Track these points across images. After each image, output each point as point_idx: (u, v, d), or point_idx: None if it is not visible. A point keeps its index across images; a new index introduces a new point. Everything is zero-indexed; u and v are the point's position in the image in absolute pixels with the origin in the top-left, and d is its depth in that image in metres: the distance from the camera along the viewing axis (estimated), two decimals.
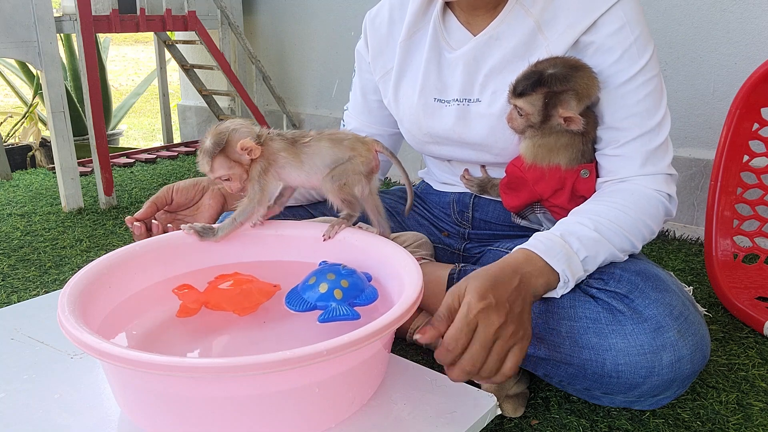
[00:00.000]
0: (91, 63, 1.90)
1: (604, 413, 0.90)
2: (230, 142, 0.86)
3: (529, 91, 0.91)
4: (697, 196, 1.71)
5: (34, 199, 2.09)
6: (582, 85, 0.90)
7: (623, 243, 0.86)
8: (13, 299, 1.32)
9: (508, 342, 0.73)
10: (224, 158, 0.86)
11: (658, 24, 1.69)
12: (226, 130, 0.86)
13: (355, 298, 0.81)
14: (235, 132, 0.86)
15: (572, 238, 0.83)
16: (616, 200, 0.89)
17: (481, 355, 0.71)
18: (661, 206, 0.91)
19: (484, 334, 0.71)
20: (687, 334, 0.80)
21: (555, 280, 0.81)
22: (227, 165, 0.86)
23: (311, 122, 2.61)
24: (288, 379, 0.63)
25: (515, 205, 1.03)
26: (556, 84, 0.89)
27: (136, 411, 0.70)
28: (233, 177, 0.87)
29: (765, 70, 1.24)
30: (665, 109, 0.94)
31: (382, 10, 1.12)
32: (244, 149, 0.85)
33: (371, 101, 1.17)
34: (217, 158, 0.86)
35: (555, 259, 0.81)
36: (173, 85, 4.38)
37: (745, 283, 1.29)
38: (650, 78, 0.92)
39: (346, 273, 0.83)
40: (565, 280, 0.81)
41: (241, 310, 0.81)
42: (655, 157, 0.93)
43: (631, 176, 0.92)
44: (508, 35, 0.97)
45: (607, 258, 0.85)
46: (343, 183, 0.87)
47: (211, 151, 0.86)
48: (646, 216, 0.89)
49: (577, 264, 0.82)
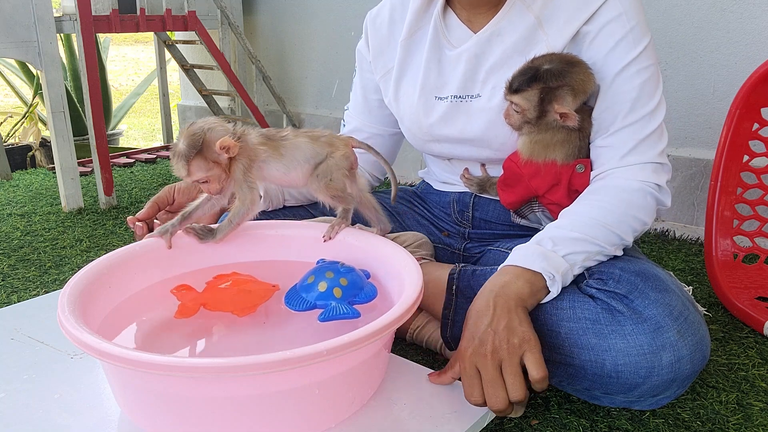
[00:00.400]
0: (91, 63, 1.90)
1: (604, 413, 0.90)
2: (207, 142, 0.82)
3: (524, 87, 0.91)
4: (697, 196, 1.71)
5: (34, 199, 2.09)
6: (577, 80, 0.91)
7: (609, 237, 0.87)
8: (13, 299, 1.32)
9: (512, 356, 0.75)
10: (202, 160, 0.82)
11: (658, 24, 1.69)
12: (201, 130, 0.83)
13: (355, 296, 0.81)
14: (211, 131, 0.83)
15: (546, 241, 0.85)
16: (600, 198, 0.90)
17: (496, 388, 0.74)
18: (650, 197, 0.91)
19: (484, 371, 0.75)
20: (687, 334, 0.80)
21: (539, 280, 0.82)
22: (205, 167, 0.83)
23: (311, 122, 2.61)
24: (288, 379, 0.63)
25: (511, 201, 1.03)
26: (551, 80, 0.90)
27: (136, 411, 0.70)
28: (212, 179, 0.84)
29: (765, 70, 1.24)
30: (660, 98, 0.94)
31: (383, 10, 1.12)
32: (223, 148, 0.82)
33: (372, 101, 1.18)
34: (194, 161, 0.82)
35: (529, 261, 0.82)
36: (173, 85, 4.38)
37: (745, 283, 1.29)
38: (645, 67, 0.93)
39: (344, 270, 0.82)
40: (550, 276, 0.82)
41: (240, 310, 0.81)
42: (644, 145, 0.93)
43: (613, 168, 0.93)
44: (509, 31, 0.98)
45: (595, 251, 0.86)
46: (329, 180, 0.87)
47: (186, 153, 0.82)
48: (634, 209, 0.89)
49: (557, 260, 0.83)
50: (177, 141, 0.84)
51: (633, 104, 0.92)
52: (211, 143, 0.82)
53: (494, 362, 0.75)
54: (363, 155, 1.22)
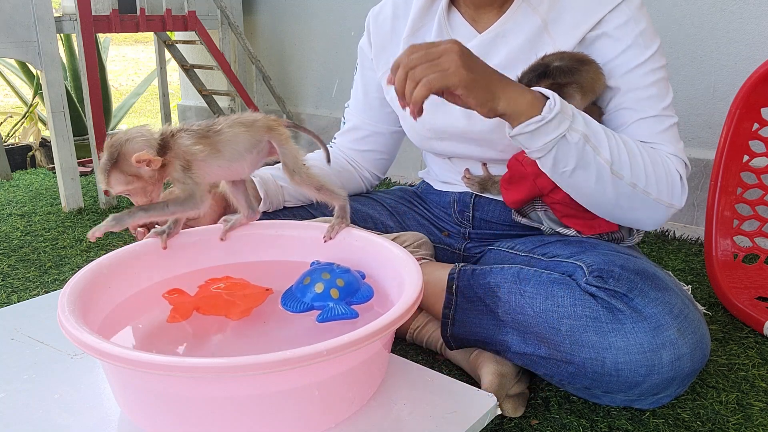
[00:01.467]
0: (91, 63, 1.90)
1: (604, 413, 0.90)
2: (123, 155, 0.77)
3: (533, 82, 0.91)
4: (697, 196, 1.70)
5: (34, 199, 2.09)
6: (587, 79, 0.91)
7: (635, 159, 0.87)
8: (13, 299, 1.32)
9: (428, 69, 0.78)
10: (119, 173, 0.77)
11: (659, 24, 1.69)
12: (118, 142, 0.77)
13: (352, 297, 0.81)
14: (129, 143, 0.77)
15: (567, 107, 0.84)
16: (635, 143, 0.89)
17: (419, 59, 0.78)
18: (676, 177, 0.91)
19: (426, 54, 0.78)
20: (687, 333, 0.80)
21: (541, 103, 0.82)
22: (124, 180, 0.78)
23: (311, 122, 2.61)
24: (288, 379, 0.63)
25: (516, 199, 1.03)
26: (560, 76, 0.90)
27: (136, 411, 0.70)
28: (133, 192, 0.79)
29: (765, 70, 1.24)
30: (671, 101, 0.95)
31: (385, 7, 1.12)
32: (140, 162, 0.76)
33: (372, 98, 1.18)
34: (112, 174, 0.77)
35: (547, 93, 0.83)
36: (173, 85, 4.37)
37: (745, 283, 1.29)
38: (658, 68, 0.94)
39: (340, 271, 0.82)
40: (551, 105, 0.82)
41: (233, 314, 0.80)
42: (668, 135, 0.93)
43: (649, 142, 0.92)
44: (515, 33, 0.98)
45: (609, 153, 0.85)
46: (303, 173, 0.86)
47: (104, 167, 0.77)
48: (662, 169, 0.89)
49: (567, 107, 0.83)
50: (102, 151, 0.79)
51: (650, 99, 0.93)
52: (127, 156, 0.76)
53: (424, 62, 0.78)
54: (365, 154, 1.22)
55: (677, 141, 0.94)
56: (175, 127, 0.82)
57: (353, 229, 0.92)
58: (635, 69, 0.92)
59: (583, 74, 0.91)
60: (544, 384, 0.97)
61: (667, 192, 0.91)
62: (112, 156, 0.77)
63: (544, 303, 0.85)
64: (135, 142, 0.77)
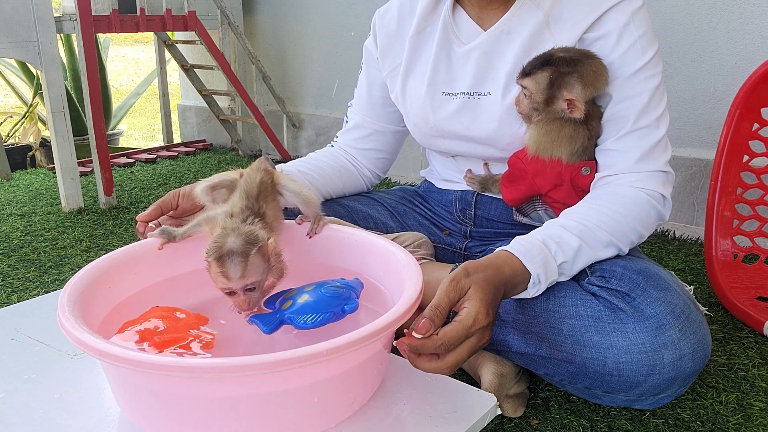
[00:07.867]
0: (91, 63, 1.90)
1: (604, 413, 0.90)
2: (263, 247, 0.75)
3: (536, 70, 0.92)
4: (697, 196, 1.71)
5: (34, 199, 2.09)
6: (589, 71, 0.91)
7: (607, 250, 0.87)
8: (13, 299, 1.32)
9: (479, 348, 0.74)
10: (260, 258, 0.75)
11: (658, 24, 1.69)
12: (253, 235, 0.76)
13: (319, 313, 0.76)
14: None
15: (552, 243, 0.83)
16: (607, 204, 0.89)
17: (464, 360, 0.72)
18: (653, 211, 0.92)
19: (476, 345, 0.72)
20: (688, 333, 0.80)
21: (527, 279, 0.82)
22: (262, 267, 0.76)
23: (311, 122, 2.61)
24: (288, 380, 0.63)
25: (514, 197, 1.03)
26: (562, 65, 0.91)
27: (136, 411, 0.70)
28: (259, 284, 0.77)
29: (765, 70, 1.24)
30: (665, 107, 0.95)
31: (391, 7, 1.13)
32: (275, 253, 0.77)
33: (376, 97, 1.18)
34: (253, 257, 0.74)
35: (532, 262, 0.81)
36: (173, 85, 4.38)
37: (745, 283, 1.29)
38: (653, 75, 0.93)
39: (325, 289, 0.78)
40: (536, 282, 0.82)
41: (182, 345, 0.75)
42: (653, 152, 0.93)
43: (626, 171, 0.93)
44: (519, 29, 0.98)
45: (590, 260, 0.86)
46: None
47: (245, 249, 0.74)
48: (637, 222, 0.90)
49: (553, 268, 0.82)
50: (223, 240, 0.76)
51: (642, 109, 0.92)
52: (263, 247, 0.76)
53: None
54: (366, 152, 1.22)
55: (664, 151, 0.94)
56: None
57: (354, 230, 0.92)
58: (631, 76, 0.92)
59: (586, 66, 0.91)
60: (544, 384, 0.97)
61: (651, 228, 0.93)
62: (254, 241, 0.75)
63: (545, 302, 0.85)
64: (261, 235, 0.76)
